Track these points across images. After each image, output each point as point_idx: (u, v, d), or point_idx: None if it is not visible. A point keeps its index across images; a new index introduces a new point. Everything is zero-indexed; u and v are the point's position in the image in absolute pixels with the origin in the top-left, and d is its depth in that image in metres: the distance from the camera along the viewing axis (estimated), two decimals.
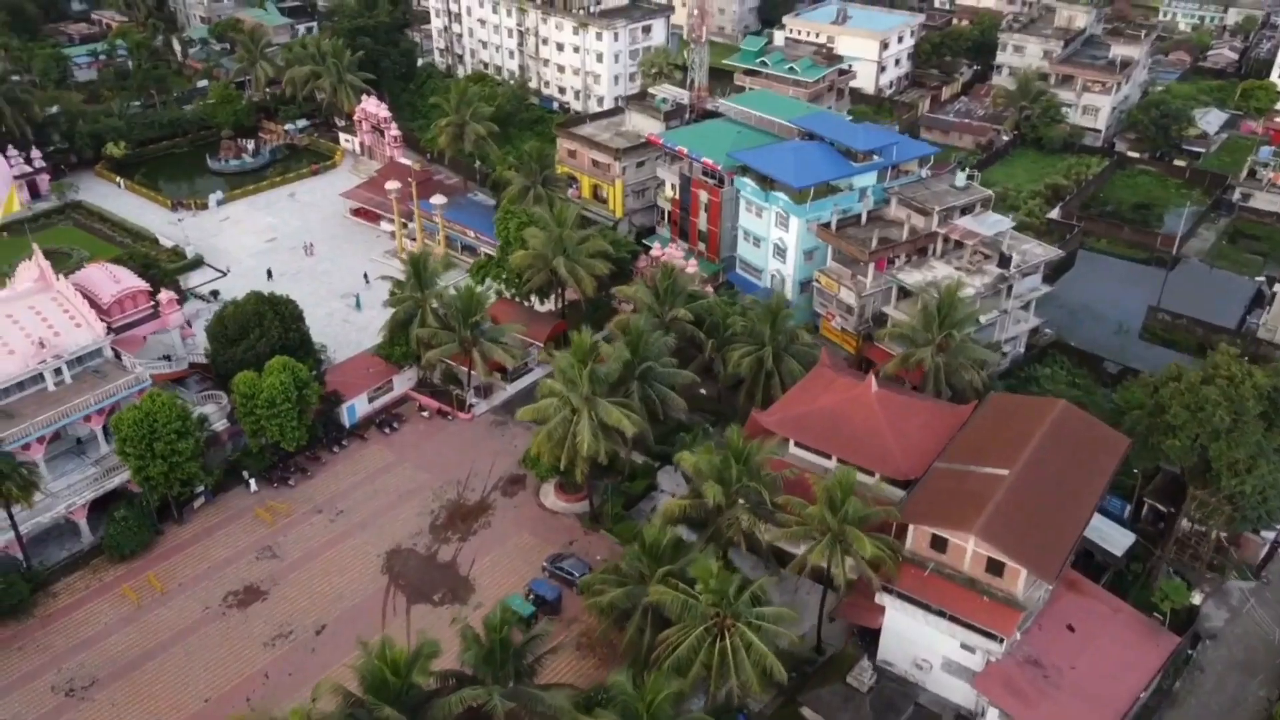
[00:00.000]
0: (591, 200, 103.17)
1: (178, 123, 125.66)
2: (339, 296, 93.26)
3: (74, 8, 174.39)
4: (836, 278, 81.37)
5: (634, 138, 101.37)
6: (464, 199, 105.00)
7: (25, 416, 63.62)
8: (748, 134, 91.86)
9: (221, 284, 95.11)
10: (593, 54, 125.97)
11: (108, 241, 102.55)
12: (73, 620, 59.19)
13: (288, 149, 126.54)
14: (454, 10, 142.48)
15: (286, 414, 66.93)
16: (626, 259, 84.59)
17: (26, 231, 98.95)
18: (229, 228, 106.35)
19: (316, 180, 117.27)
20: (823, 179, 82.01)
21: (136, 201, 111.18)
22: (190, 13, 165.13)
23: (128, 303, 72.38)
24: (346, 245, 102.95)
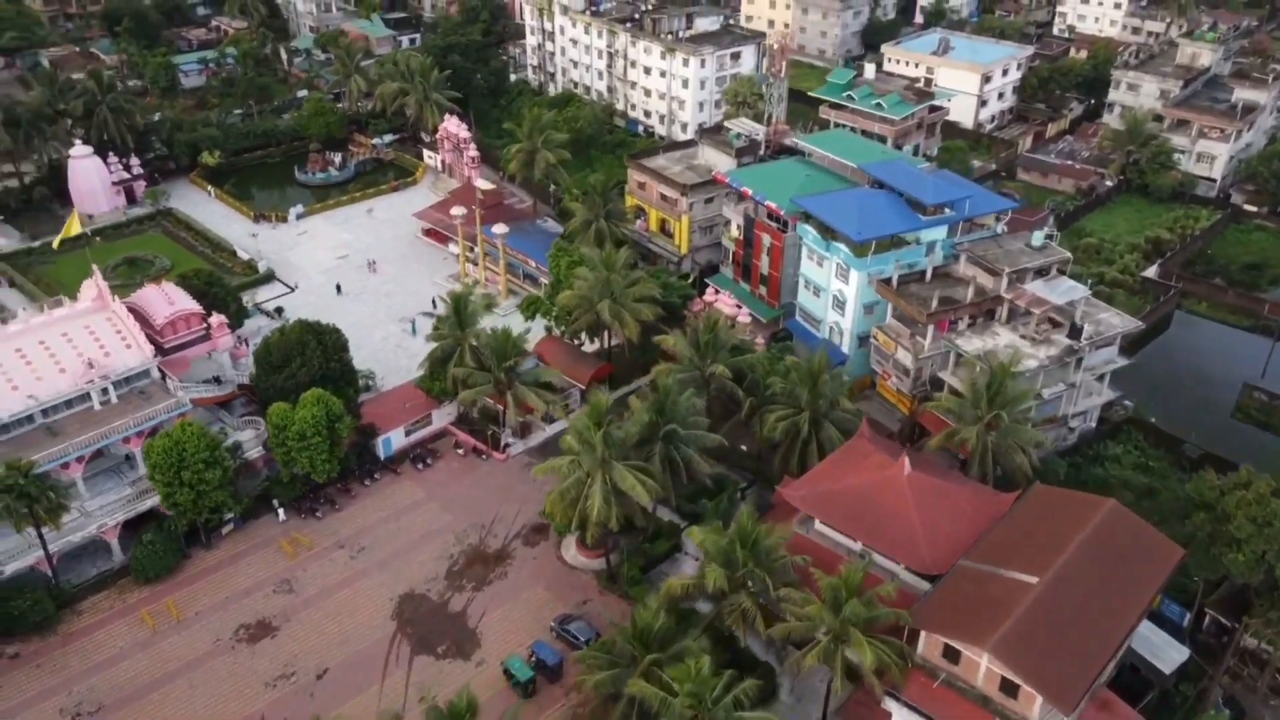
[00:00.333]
0: (658, 234, 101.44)
1: (271, 133, 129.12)
2: (397, 320, 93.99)
3: (198, 13, 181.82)
4: (894, 336, 77.67)
5: (704, 172, 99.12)
6: (531, 225, 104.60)
7: (68, 435, 65.68)
8: (817, 177, 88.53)
9: (288, 300, 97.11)
10: (679, 79, 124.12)
11: (190, 251, 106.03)
12: (92, 641, 60.70)
13: (374, 163, 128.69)
14: (548, 29, 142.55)
15: (317, 447, 67.39)
16: (677, 304, 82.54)
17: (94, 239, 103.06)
18: (305, 242, 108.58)
19: (395, 197, 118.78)
20: (885, 232, 78.26)
21: (223, 211, 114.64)
22: (301, 22, 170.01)
23: (180, 325, 74.11)
24: (414, 266, 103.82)
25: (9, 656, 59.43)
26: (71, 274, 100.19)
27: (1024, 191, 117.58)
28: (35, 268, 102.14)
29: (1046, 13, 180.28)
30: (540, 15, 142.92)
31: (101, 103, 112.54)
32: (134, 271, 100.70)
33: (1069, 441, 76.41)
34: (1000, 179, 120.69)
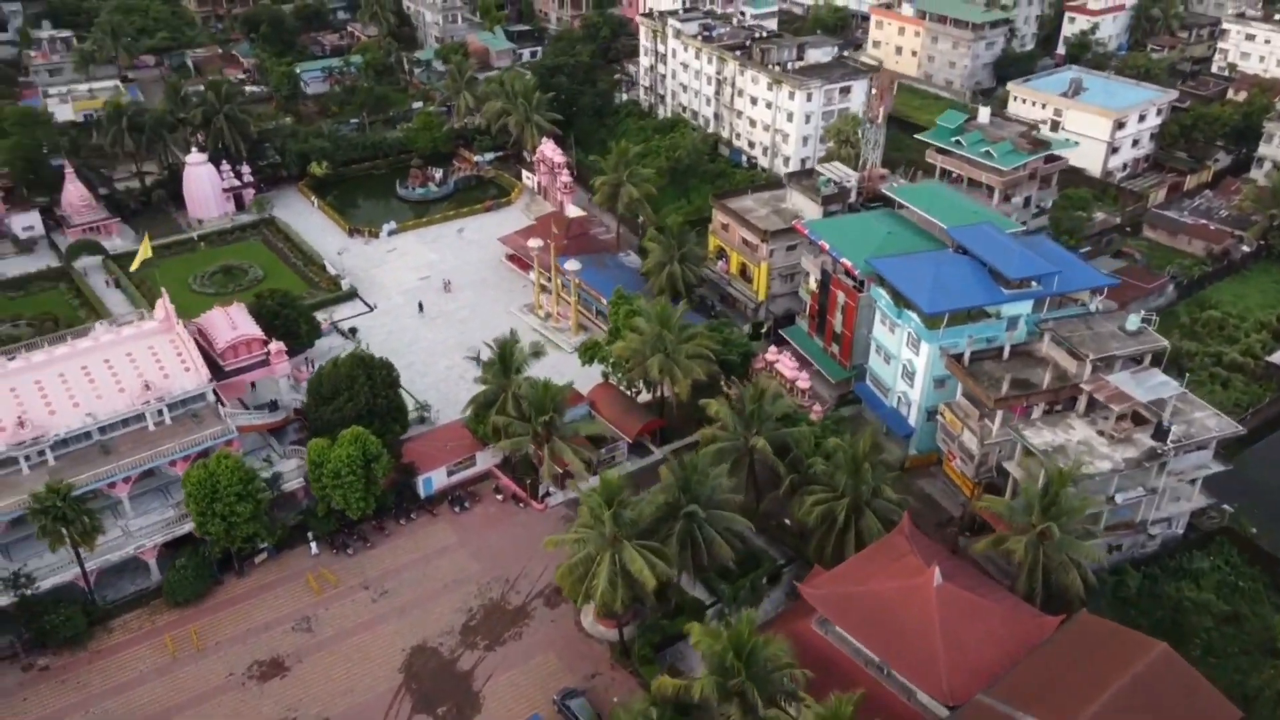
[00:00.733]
0: (738, 278, 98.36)
1: (380, 145, 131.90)
2: (465, 349, 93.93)
3: (338, 17, 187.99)
4: (962, 416, 72.63)
5: (789, 218, 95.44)
6: (611, 260, 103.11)
7: (120, 454, 68.04)
8: (901, 235, 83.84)
9: (365, 320, 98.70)
10: (783, 112, 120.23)
11: (284, 262, 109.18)
12: (115, 661, 62.60)
13: (475, 180, 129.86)
14: (660, 51, 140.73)
15: (351, 485, 67.75)
16: (734, 362, 79.50)
17: (200, 244, 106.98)
18: (392, 260, 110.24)
19: (488, 217, 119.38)
20: (960, 306, 73.22)
21: (322, 223, 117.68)
22: (428, 32, 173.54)
23: (241, 349, 75.88)
24: (492, 292, 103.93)
25: (39, 668, 61.91)
26: (177, 274, 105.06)
27: (1146, 251, 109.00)
28: (143, 269, 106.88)
29: (1207, 48, 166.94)
30: (654, 37, 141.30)
31: (219, 112, 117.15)
32: (228, 280, 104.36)
33: (1149, 549, 69.77)
34: (1123, 235, 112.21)
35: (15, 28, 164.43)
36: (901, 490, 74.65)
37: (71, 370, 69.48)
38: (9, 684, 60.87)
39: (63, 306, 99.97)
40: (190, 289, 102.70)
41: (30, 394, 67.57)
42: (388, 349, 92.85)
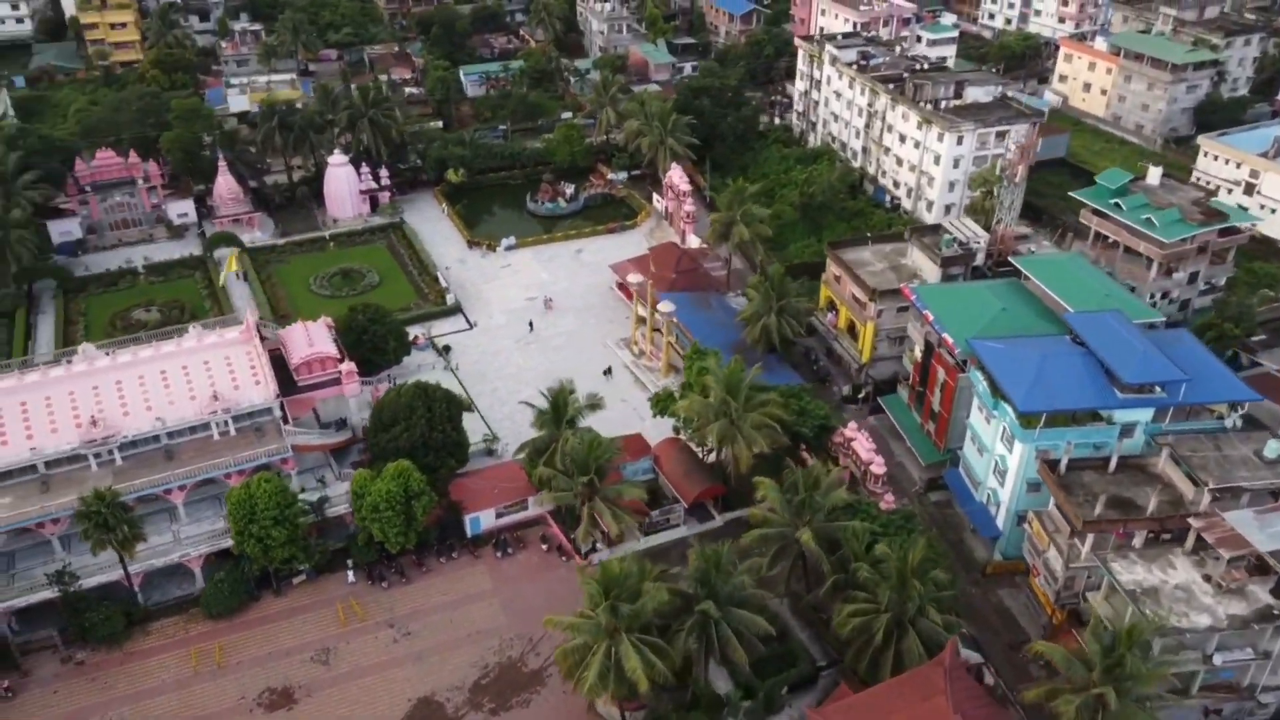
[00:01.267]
0: (845, 334, 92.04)
1: (518, 155, 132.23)
2: (551, 380, 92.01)
3: (516, 19, 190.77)
4: (1050, 530, 64.59)
5: (907, 276, 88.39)
6: (717, 301, 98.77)
7: (181, 460, 70.06)
8: (1016, 312, 75.64)
9: (462, 338, 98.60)
10: (931, 153, 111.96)
11: (402, 269, 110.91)
12: (144, 666, 64.40)
13: (606, 199, 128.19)
14: (816, 77, 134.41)
15: (389, 520, 67.16)
16: (807, 435, 73.85)
17: (330, 244, 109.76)
18: (505, 276, 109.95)
19: (609, 239, 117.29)
20: (1060, 407, 64.97)
21: (447, 231, 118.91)
22: (593, 41, 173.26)
23: (315, 366, 76.79)
24: (594, 320, 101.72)
25: (76, 662, 64.48)
26: (302, 272, 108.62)
27: None
28: (273, 264, 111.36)
29: None
30: (811, 62, 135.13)
31: (364, 115, 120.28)
32: (345, 283, 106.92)
33: (1258, 717, 59.69)
34: None
35: (216, 18, 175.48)
36: (978, 599, 68.00)
37: (151, 373, 72.08)
38: (45, 674, 63.71)
39: (193, 295, 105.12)
40: (309, 289, 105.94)
41: (109, 393, 70.49)
42: (475, 371, 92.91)
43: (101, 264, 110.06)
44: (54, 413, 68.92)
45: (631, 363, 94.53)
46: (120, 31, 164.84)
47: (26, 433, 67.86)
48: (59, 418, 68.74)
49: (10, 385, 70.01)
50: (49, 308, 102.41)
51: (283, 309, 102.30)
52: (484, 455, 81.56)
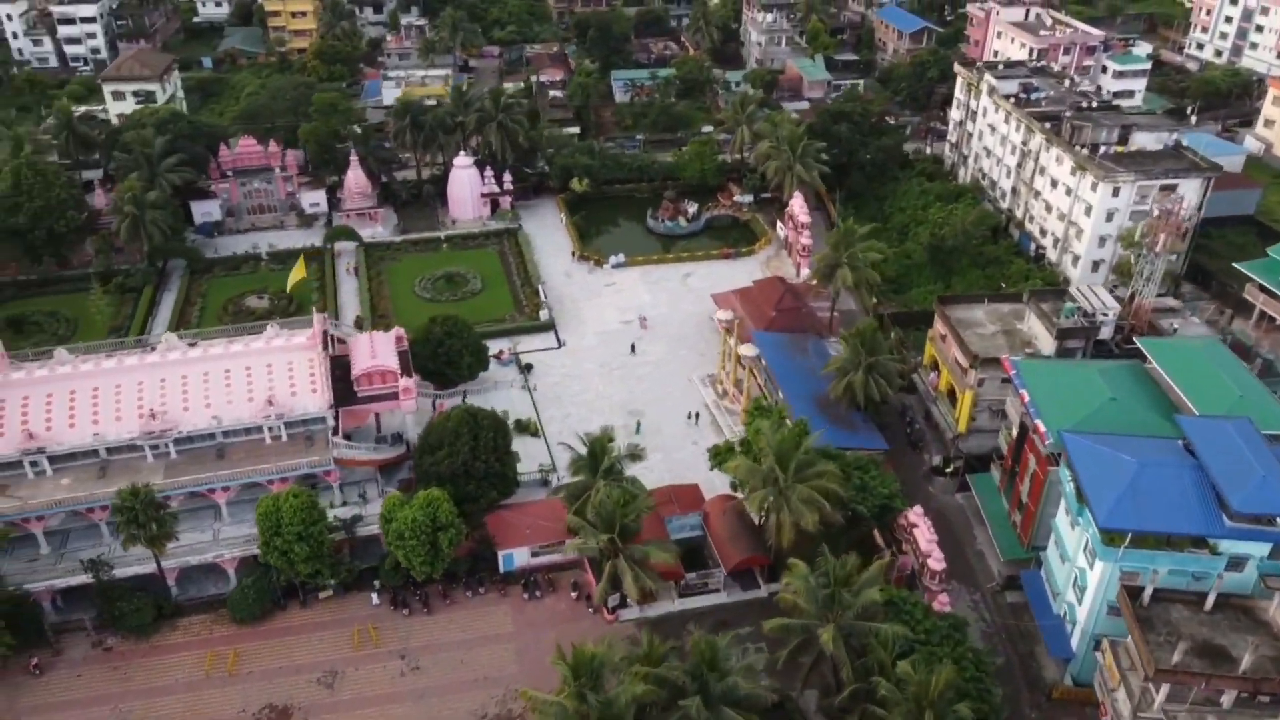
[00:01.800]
0: (944, 397, 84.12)
1: (646, 168, 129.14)
2: (629, 410, 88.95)
3: (682, 24, 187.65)
4: (1123, 666, 55.96)
5: (1020, 344, 79.84)
6: (814, 345, 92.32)
7: (231, 460, 71.07)
8: (1129, 404, 66.29)
9: (547, 357, 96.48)
10: (1083, 203, 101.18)
11: (507, 276, 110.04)
12: (164, 662, 65.52)
13: (730, 220, 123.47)
14: (973, 107, 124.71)
15: (413, 549, 65.73)
16: (865, 513, 67.27)
17: (443, 245, 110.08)
18: (607, 295, 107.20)
19: (722, 265, 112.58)
20: (1148, 528, 56.09)
21: (562, 242, 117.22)
22: (751, 53, 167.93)
23: (376, 379, 76.28)
24: (686, 352, 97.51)
25: (105, 648, 66.34)
26: (411, 272, 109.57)
27: None
28: (386, 261, 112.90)
29: None
30: (969, 90, 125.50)
31: (493, 119, 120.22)
32: (447, 287, 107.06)
33: None
34: None
35: (389, 10, 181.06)
36: None
37: (216, 371, 73.41)
38: (74, 656, 65.85)
39: (304, 286, 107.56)
40: (413, 290, 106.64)
41: (174, 387, 72.21)
42: (552, 394, 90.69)
43: (230, 247, 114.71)
44: (121, 401, 71.16)
45: (713, 403, 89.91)
46: (300, 20, 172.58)
47: (94, 417, 70.35)
48: (124, 406, 70.93)
49: (89, 369, 72.82)
50: (175, 287, 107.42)
51: (383, 309, 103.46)
52: (538, 485, 79.18)
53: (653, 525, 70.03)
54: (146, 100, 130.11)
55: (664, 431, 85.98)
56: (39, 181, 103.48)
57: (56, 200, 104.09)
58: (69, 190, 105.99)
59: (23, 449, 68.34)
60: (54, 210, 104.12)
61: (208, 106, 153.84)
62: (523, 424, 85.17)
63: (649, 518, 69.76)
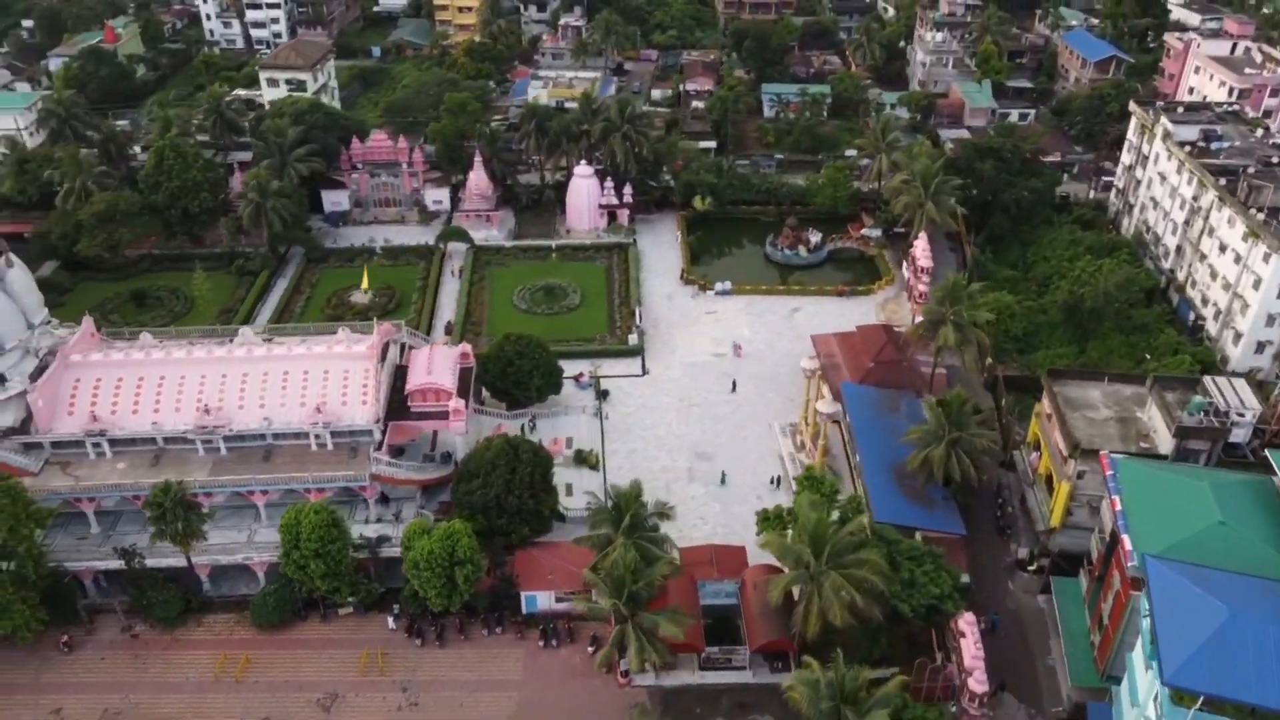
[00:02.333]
0: (1042, 482, 75.05)
1: (774, 191, 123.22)
2: (696, 453, 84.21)
3: (852, 37, 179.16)
4: None
5: (1134, 436, 70.03)
6: (908, 404, 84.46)
7: (276, 464, 71.25)
8: (1241, 531, 56.07)
9: (626, 385, 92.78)
10: (1252, 274, 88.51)
11: (608, 292, 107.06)
12: (182, 657, 66.29)
13: (856, 254, 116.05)
14: (1144, 152, 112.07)
15: (428, 581, 63.81)
16: (910, 612, 60.11)
17: (552, 254, 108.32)
18: (705, 323, 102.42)
19: (835, 303, 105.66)
20: (1225, 694, 46.83)
21: (672, 261, 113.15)
22: (914, 73, 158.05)
23: (429, 395, 74.83)
24: (773, 395, 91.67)
25: (132, 634, 67.84)
26: (516, 279, 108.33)
27: None
28: (493, 266, 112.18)
29: None
30: (1142, 132, 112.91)
31: (618, 130, 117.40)
32: (545, 299, 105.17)
33: None
34: None
35: (552, 10, 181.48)
36: None
37: (274, 372, 73.70)
38: (104, 639, 67.64)
39: (408, 283, 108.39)
40: (511, 299, 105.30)
41: (233, 384, 72.96)
42: (623, 425, 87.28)
43: (350, 238, 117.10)
44: (182, 392, 72.48)
45: (789, 455, 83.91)
46: (465, 15, 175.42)
47: (155, 406, 72.03)
48: (185, 398, 72.22)
49: (159, 358, 74.66)
50: (290, 274, 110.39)
51: (477, 315, 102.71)
52: (585, 522, 75.68)
53: (683, 588, 65.55)
54: (297, 89, 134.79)
55: (731, 480, 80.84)
56: (178, 162, 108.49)
57: (192, 181, 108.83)
58: (205, 172, 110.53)
59: (86, 430, 70.66)
60: (190, 190, 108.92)
61: (366, 96, 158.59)
62: (583, 455, 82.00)
63: (681, 579, 65.42)
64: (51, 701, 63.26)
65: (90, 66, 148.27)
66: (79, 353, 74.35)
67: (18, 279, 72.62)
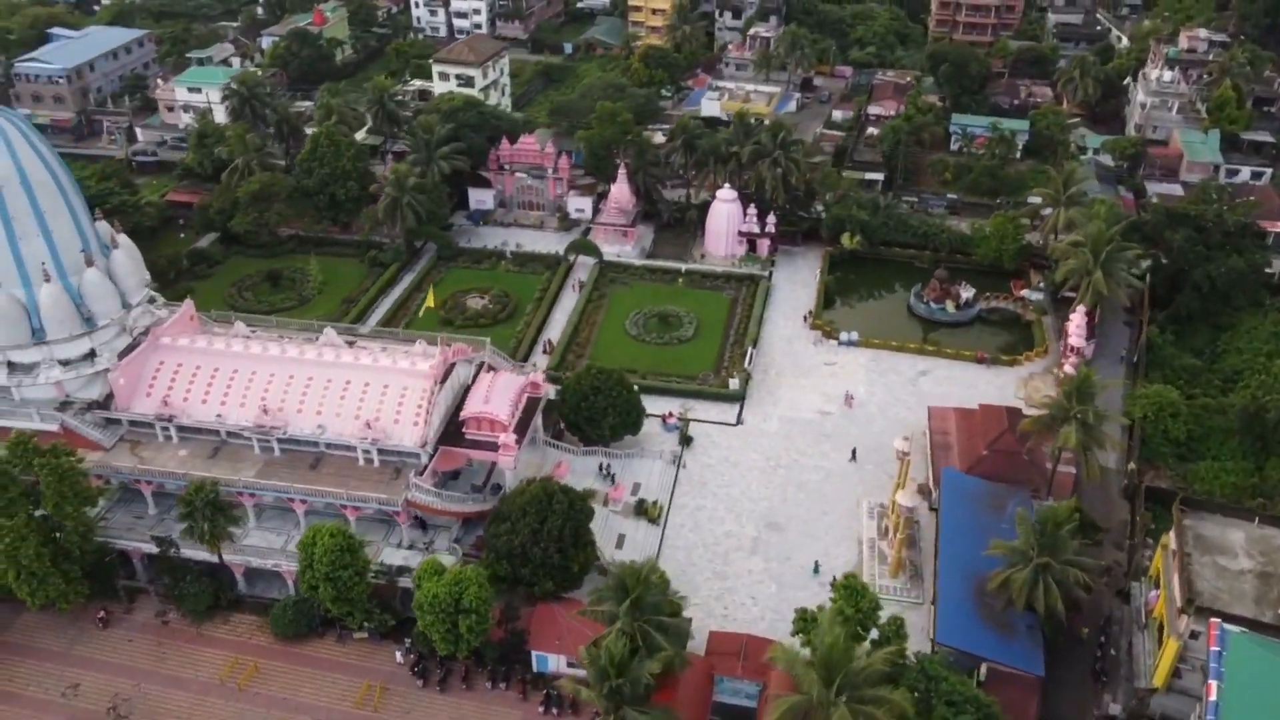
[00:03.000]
0: (1155, 628, 63.26)
1: (933, 235, 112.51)
2: (767, 524, 77.24)
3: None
4: None
5: (1275, 603, 57.45)
6: (1017, 502, 73.73)
7: (323, 473, 70.60)
8: None
9: (718, 433, 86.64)
10: None
11: (725, 330, 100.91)
12: (199, 654, 66.70)
13: (1012, 317, 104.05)
14: None
15: (431, 625, 61.11)
16: None
17: (678, 279, 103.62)
18: (819, 376, 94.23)
19: (971, 371, 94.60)
20: None
21: (805, 301, 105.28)
22: (1131, 115, 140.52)
23: (484, 425, 72.06)
24: (873, 467, 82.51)
25: (163, 620, 69.12)
26: (635, 301, 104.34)
27: None
28: (616, 285, 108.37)
29: None
30: None
31: (769, 155, 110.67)
32: (658, 328, 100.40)
33: None
34: None
35: (746, 17, 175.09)
36: None
37: (336, 379, 72.82)
38: (139, 619, 69.26)
39: (530, 291, 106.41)
40: (624, 323, 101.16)
41: (296, 387, 72.77)
42: (698, 477, 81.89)
43: (487, 239, 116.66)
44: (249, 388, 73.04)
45: (869, 541, 75.45)
46: (657, 17, 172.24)
47: (222, 399, 73.01)
48: (250, 394, 72.70)
49: (237, 350, 75.48)
50: (418, 269, 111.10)
51: (584, 336, 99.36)
52: None
53: (697, 681, 59.63)
54: (465, 84, 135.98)
55: (793, 559, 73.63)
56: (330, 149, 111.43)
57: (342, 169, 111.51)
58: (355, 161, 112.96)
59: (157, 414, 72.59)
60: (338, 177, 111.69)
61: (545, 94, 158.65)
62: (645, 506, 77.02)
63: (697, 671, 59.58)
64: (74, 675, 65.22)
65: (294, 47, 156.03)
66: (171, 336, 76.49)
67: (120, 260, 75.22)
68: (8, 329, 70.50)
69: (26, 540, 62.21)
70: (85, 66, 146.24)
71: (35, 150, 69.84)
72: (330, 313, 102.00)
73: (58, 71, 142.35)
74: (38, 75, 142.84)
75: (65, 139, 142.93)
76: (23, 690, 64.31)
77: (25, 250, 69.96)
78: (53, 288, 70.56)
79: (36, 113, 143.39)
